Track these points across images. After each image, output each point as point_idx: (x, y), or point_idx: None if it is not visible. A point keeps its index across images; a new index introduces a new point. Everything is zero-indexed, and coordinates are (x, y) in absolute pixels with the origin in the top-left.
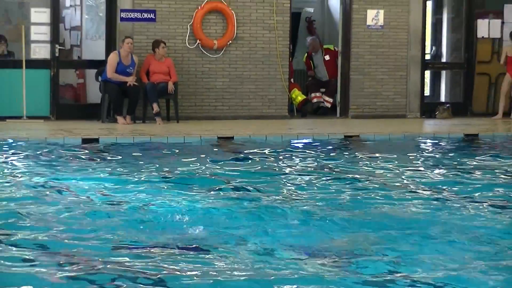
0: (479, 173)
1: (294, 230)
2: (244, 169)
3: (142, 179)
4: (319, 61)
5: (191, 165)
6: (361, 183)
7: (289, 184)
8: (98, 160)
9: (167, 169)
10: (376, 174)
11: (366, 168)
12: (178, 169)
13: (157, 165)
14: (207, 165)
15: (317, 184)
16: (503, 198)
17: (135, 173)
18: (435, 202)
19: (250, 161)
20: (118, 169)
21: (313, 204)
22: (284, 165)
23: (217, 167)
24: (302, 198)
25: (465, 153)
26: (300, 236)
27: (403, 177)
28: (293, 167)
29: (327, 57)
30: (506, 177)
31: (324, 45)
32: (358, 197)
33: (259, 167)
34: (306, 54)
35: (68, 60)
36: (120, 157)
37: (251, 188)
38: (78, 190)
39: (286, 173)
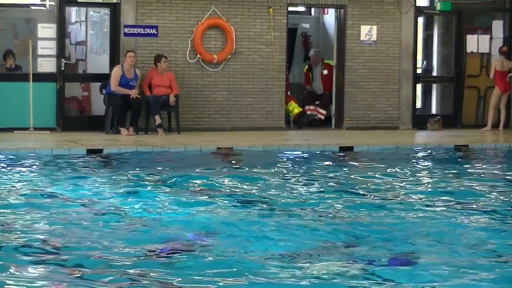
0: (469, 181)
1: (288, 237)
2: (242, 178)
3: (145, 188)
4: (317, 74)
5: (191, 174)
6: (355, 193)
7: (286, 193)
8: (103, 169)
9: (168, 177)
10: (369, 183)
11: (359, 178)
12: (179, 178)
13: (159, 174)
14: (207, 174)
15: (312, 193)
16: (493, 204)
17: (139, 182)
18: (427, 209)
19: (248, 171)
20: (122, 178)
21: (307, 212)
22: (283, 175)
23: (217, 175)
24: (299, 207)
25: (456, 163)
26: (294, 242)
27: (396, 186)
28: (291, 177)
29: (325, 72)
30: (495, 185)
31: (326, 60)
32: (352, 205)
33: (257, 177)
34: (307, 66)
35: (74, 74)
36: (125, 166)
37: (251, 196)
38: (83, 198)
39: (285, 182)
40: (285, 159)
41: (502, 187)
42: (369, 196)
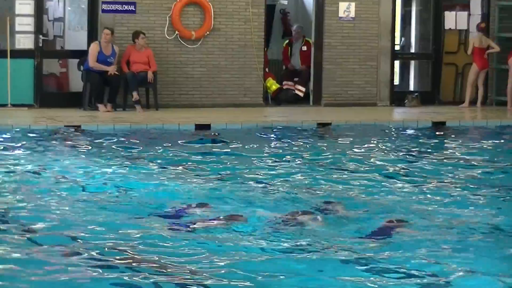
0: (445, 157)
1: (272, 208)
2: (221, 154)
3: (121, 164)
4: (297, 50)
5: (170, 151)
6: (334, 168)
7: (266, 169)
8: (80, 146)
9: (147, 154)
10: (347, 159)
11: (338, 154)
12: (158, 154)
13: (138, 151)
14: (185, 151)
15: (289, 169)
16: (468, 180)
17: (116, 159)
18: (406, 185)
19: (226, 147)
20: (100, 154)
21: (287, 188)
22: (261, 151)
23: (195, 152)
24: (279, 183)
25: (433, 139)
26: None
27: (374, 162)
28: (270, 153)
29: (304, 48)
30: (469, 160)
31: (307, 37)
32: (331, 181)
33: (235, 153)
34: (287, 41)
35: (52, 50)
36: (102, 143)
37: (230, 172)
38: (62, 173)
39: (263, 159)
40: (263, 136)
41: (476, 163)
42: (345, 171)
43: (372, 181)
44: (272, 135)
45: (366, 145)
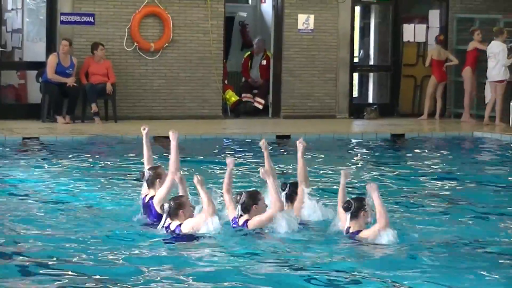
0: (404, 170)
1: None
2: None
3: (80, 176)
4: (257, 63)
5: (126, 163)
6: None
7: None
8: (39, 158)
9: (104, 166)
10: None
11: (294, 166)
12: (115, 166)
13: (95, 163)
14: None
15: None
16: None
17: (74, 170)
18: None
19: (185, 160)
20: (57, 166)
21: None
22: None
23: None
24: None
25: (392, 151)
26: None
27: (328, 174)
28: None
29: (264, 62)
30: (429, 171)
31: (268, 51)
32: None
33: (192, 165)
34: (249, 53)
35: (10, 62)
36: (60, 154)
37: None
38: (19, 186)
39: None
40: (222, 148)
41: (435, 174)
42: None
43: (328, 193)
44: (230, 147)
45: (325, 157)
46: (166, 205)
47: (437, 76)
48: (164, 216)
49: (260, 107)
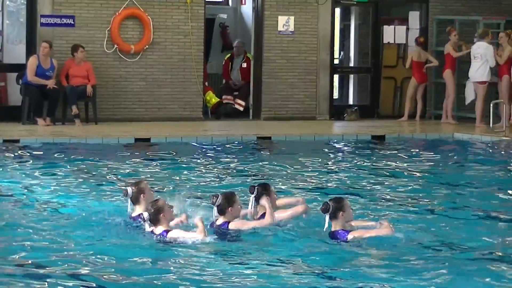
0: (384, 171)
1: None
2: (161, 169)
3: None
4: (237, 65)
5: (108, 166)
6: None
7: (203, 183)
8: (19, 160)
9: (85, 169)
10: (286, 173)
11: (275, 167)
12: (96, 169)
13: (77, 166)
14: (123, 166)
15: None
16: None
17: (55, 173)
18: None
19: (166, 162)
20: (38, 169)
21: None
22: (200, 165)
23: (134, 166)
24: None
25: (372, 153)
26: None
27: (307, 176)
28: (207, 167)
29: (244, 65)
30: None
31: (248, 53)
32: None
33: (174, 167)
34: (229, 55)
35: None
36: (40, 157)
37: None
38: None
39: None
40: (202, 150)
41: (415, 176)
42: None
43: (311, 195)
44: (211, 149)
45: (306, 159)
46: (145, 214)
47: (417, 77)
48: (147, 225)
49: (241, 109)
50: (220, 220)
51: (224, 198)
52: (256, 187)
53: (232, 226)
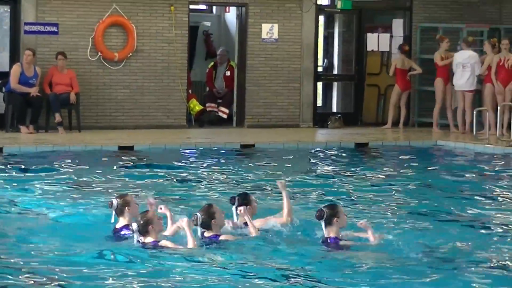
0: (367, 178)
1: None
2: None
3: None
4: (221, 73)
5: (91, 174)
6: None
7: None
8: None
9: (68, 177)
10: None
11: (258, 175)
12: (79, 177)
13: (59, 174)
14: (106, 174)
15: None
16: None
17: (36, 181)
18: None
19: (150, 170)
20: (20, 176)
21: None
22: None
23: (117, 174)
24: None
25: (355, 160)
26: None
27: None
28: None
29: (228, 73)
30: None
31: (232, 61)
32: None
33: (157, 175)
34: (212, 63)
35: None
36: (23, 165)
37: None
38: None
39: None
40: (186, 157)
41: (398, 183)
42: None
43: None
44: (195, 156)
45: (289, 166)
46: (134, 225)
47: (401, 85)
48: (135, 236)
49: (225, 116)
50: (209, 233)
51: (204, 213)
52: (236, 198)
53: (222, 238)
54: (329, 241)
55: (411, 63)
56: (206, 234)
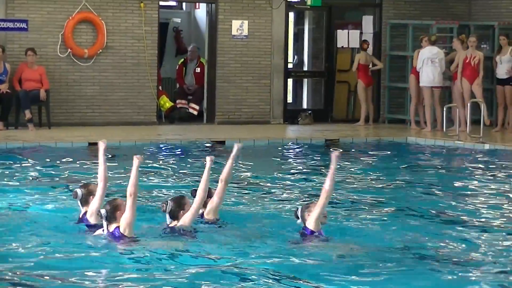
0: (338, 174)
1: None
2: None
3: (12, 183)
4: (191, 69)
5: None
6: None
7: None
8: None
9: (38, 173)
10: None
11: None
12: (49, 173)
13: (29, 170)
14: (75, 170)
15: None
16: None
17: (5, 177)
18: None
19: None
20: None
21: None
22: (152, 168)
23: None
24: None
25: (326, 156)
26: None
27: (268, 179)
28: (159, 171)
29: (198, 70)
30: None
31: (202, 58)
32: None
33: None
34: (182, 60)
35: None
36: None
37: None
38: None
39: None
40: (155, 154)
41: (367, 179)
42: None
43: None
44: (165, 153)
45: (259, 163)
46: (103, 211)
47: (364, 80)
48: (104, 222)
49: (195, 113)
50: (173, 224)
51: (174, 203)
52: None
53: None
54: (304, 232)
55: (373, 59)
56: (171, 224)
